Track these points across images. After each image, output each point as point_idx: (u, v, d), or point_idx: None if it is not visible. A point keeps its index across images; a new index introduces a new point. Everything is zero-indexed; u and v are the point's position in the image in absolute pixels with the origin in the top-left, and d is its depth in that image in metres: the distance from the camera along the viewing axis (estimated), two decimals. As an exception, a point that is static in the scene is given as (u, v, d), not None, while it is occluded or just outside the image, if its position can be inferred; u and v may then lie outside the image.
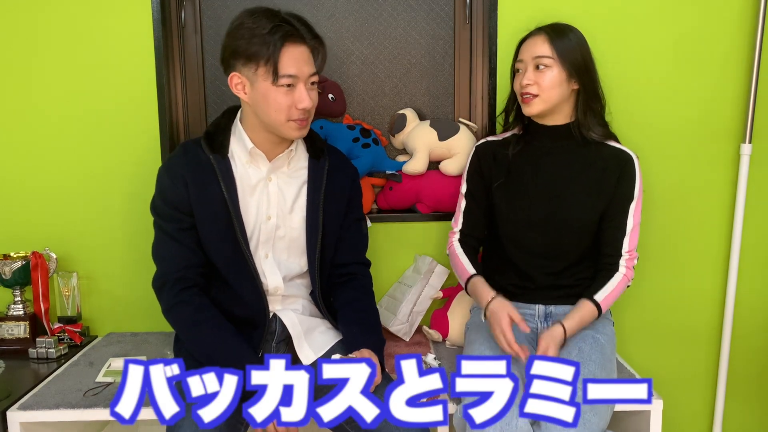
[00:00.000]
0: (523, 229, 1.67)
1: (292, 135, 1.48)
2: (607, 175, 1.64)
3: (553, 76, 1.59)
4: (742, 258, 2.03)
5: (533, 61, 1.60)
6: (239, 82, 1.46)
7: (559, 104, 1.63)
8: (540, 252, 1.67)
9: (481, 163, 1.74)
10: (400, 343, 1.92)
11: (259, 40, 1.39)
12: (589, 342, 1.57)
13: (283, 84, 1.42)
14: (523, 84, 1.61)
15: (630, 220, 1.64)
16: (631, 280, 1.65)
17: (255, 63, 1.41)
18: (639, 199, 1.65)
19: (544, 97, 1.60)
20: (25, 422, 1.52)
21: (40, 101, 1.95)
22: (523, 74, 1.62)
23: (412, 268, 2.03)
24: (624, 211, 1.64)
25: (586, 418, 1.37)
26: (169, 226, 1.50)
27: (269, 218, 1.53)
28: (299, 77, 1.43)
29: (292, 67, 1.41)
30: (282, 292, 1.57)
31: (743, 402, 2.14)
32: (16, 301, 1.93)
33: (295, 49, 1.42)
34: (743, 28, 1.94)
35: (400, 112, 2.01)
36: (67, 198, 1.99)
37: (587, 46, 1.64)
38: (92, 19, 1.91)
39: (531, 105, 1.62)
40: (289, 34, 1.41)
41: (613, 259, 1.64)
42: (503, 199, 1.69)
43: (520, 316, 1.52)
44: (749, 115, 1.94)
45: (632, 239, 1.64)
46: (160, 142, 1.96)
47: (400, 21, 2.04)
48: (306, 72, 1.44)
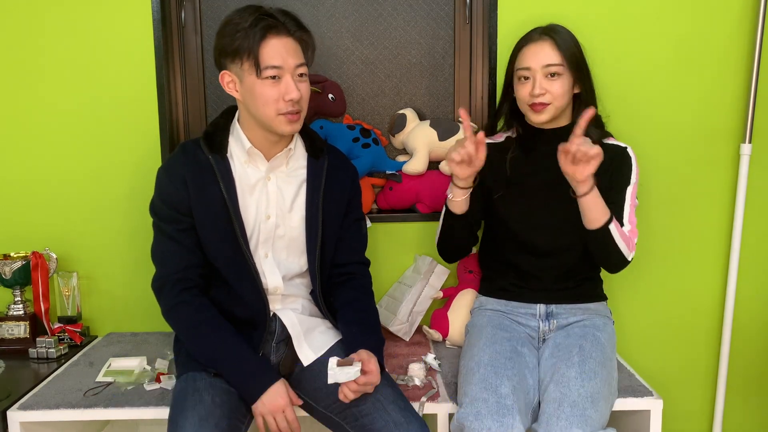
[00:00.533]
0: (525, 233, 1.67)
1: (284, 130, 1.46)
2: (605, 171, 1.61)
3: (564, 83, 1.59)
4: (742, 258, 2.03)
5: (543, 69, 1.58)
6: (230, 80, 1.46)
7: (564, 108, 1.64)
8: (543, 255, 1.67)
9: None
10: (400, 343, 1.92)
11: (242, 34, 1.40)
12: (590, 340, 1.57)
13: (267, 76, 1.41)
14: (536, 93, 1.58)
15: (627, 200, 1.62)
16: (632, 252, 1.61)
17: (240, 58, 1.41)
18: (635, 184, 1.64)
19: (557, 104, 1.60)
20: (25, 422, 1.52)
21: (40, 101, 1.95)
22: (532, 83, 1.59)
23: (412, 268, 2.03)
24: (621, 191, 1.63)
25: (587, 415, 1.38)
26: (168, 227, 1.50)
27: (268, 217, 1.53)
28: (284, 68, 1.42)
29: (274, 58, 1.40)
30: (282, 291, 1.57)
31: (743, 402, 2.14)
32: (16, 301, 1.93)
33: (278, 41, 1.41)
34: (743, 28, 1.94)
35: (400, 112, 2.01)
36: (67, 198, 2.00)
37: (580, 45, 1.63)
38: (92, 19, 1.91)
39: (543, 113, 1.60)
40: (269, 26, 1.40)
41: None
42: (504, 209, 1.68)
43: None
44: (749, 115, 1.94)
45: (631, 216, 1.63)
46: (160, 142, 1.96)
47: (400, 21, 2.04)
48: (291, 63, 1.43)
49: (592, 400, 1.41)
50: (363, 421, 1.40)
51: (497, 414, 1.36)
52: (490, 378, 1.46)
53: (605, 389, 1.46)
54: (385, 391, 1.43)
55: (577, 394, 1.41)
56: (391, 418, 1.38)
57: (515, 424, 1.36)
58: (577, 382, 1.44)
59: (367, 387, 1.38)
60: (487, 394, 1.42)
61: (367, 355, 1.40)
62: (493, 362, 1.51)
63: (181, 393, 1.41)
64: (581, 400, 1.40)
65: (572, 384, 1.44)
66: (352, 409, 1.42)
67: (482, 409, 1.38)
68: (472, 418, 1.37)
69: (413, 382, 1.65)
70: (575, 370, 1.47)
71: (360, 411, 1.41)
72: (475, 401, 1.41)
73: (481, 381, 1.46)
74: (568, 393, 1.42)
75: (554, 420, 1.38)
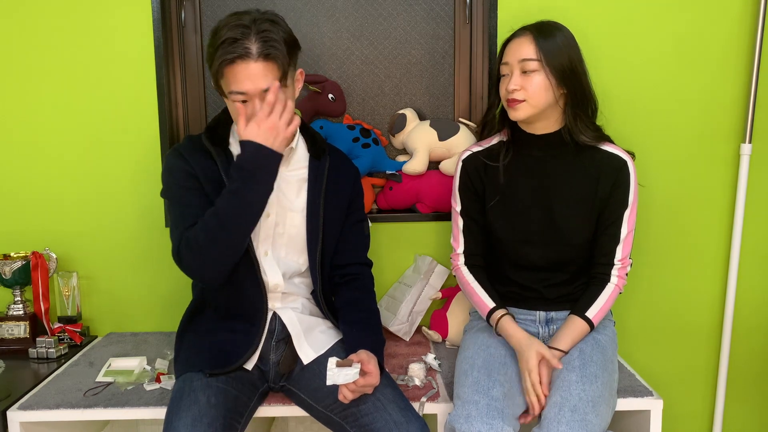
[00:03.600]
0: (521, 245, 1.63)
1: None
2: (602, 183, 1.58)
3: (540, 80, 1.51)
4: (742, 258, 2.03)
5: (519, 64, 1.52)
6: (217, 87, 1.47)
7: (546, 109, 1.56)
8: (539, 266, 1.64)
9: (471, 178, 1.66)
10: (400, 343, 1.92)
11: (209, 54, 1.39)
12: (590, 343, 1.56)
13: (234, 100, 1.40)
14: (510, 89, 1.53)
15: (624, 227, 1.59)
16: (623, 288, 1.61)
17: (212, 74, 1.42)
18: (633, 205, 1.59)
19: (532, 102, 1.53)
20: (25, 422, 1.53)
21: (40, 101, 1.95)
22: (509, 78, 1.55)
23: (412, 268, 2.03)
24: (618, 218, 1.59)
25: (588, 419, 1.37)
26: (177, 191, 1.48)
27: (268, 215, 1.53)
28: (249, 93, 1.37)
29: (237, 84, 1.37)
30: (282, 289, 1.56)
31: (743, 402, 2.14)
32: (16, 301, 1.93)
33: (242, 67, 1.35)
34: (743, 28, 1.94)
35: (400, 112, 2.01)
36: (67, 198, 2.00)
37: (576, 47, 1.55)
38: (92, 19, 1.91)
39: (518, 110, 1.55)
40: (229, 53, 1.34)
41: (606, 269, 1.59)
42: (499, 219, 1.64)
43: (551, 353, 1.50)
44: (749, 115, 1.95)
45: (626, 246, 1.59)
46: (160, 142, 1.96)
47: (400, 21, 2.04)
48: (256, 88, 1.37)
49: (593, 404, 1.40)
50: (363, 421, 1.40)
51: (487, 416, 1.36)
52: (483, 381, 1.45)
53: (606, 393, 1.45)
54: (385, 391, 1.43)
55: (578, 399, 1.40)
56: (392, 417, 1.38)
57: (505, 428, 1.35)
58: (578, 386, 1.43)
59: (366, 388, 1.38)
60: (478, 396, 1.41)
61: (367, 356, 1.40)
62: (486, 365, 1.50)
63: (177, 393, 1.42)
64: (582, 404, 1.39)
65: (573, 388, 1.43)
66: (352, 409, 1.42)
67: (473, 412, 1.38)
68: (463, 420, 1.37)
69: (413, 382, 1.64)
70: (576, 374, 1.46)
71: (360, 411, 1.41)
72: (467, 403, 1.40)
73: (474, 384, 1.45)
74: (568, 397, 1.41)
75: (555, 424, 1.37)
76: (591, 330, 1.58)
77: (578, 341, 1.56)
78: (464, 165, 1.68)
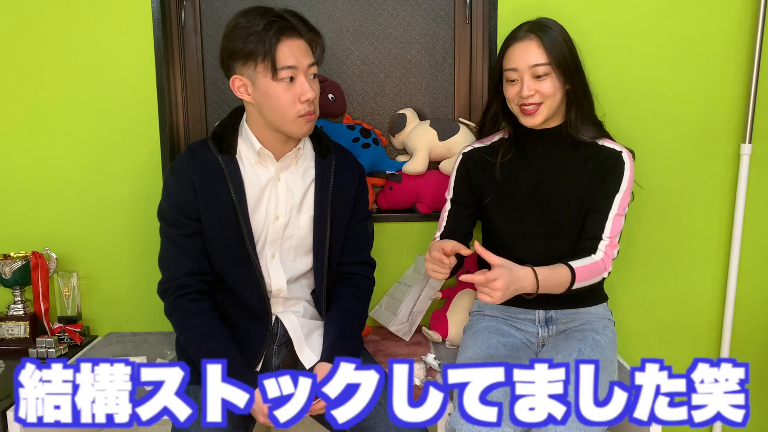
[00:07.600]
0: (518, 239, 1.63)
1: (301, 131, 1.48)
2: (599, 176, 1.59)
3: (552, 82, 1.54)
4: (742, 258, 2.03)
5: (530, 70, 1.53)
6: (241, 84, 1.46)
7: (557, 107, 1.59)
8: (537, 262, 1.61)
9: (469, 172, 1.68)
10: (400, 343, 1.92)
11: (255, 37, 1.40)
12: (589, 344, 1.56)
13: (283, 78, 1.42)
14: (525, 95, 1.53)
15: (614, 208, 1.57)
16: (608, 270, 1.56)
17: (253, 61, 1.41)
18: (627, 191, 1.58)
19: (548, 104, 1.55)
20: (25, 422, 1.52)
21: (40, 101, 1.95)
22: (520, 84, 1.55)
23: (412, 268, 2.03)
24: (609, 197, 1.57)
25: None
26: (173, 231, 1.50)
27: (277, 218, 1.54)
28: (298, 68, 1.43)
29: (290, 58, 1.42)
30: (284, 294, 1.57)
31: (743, 402, 2.14)
32: (16, 301, 1.94)
33: (292, 42, 1.43)
34: (743, 28, 1.94)
35: (400, 112, 2.01)
36: (67, 198, 2.00)
37: (572, 41, 1.58)
38: (92, 19, 1.91)
39: (536, 116, 1.55)
40: (283, 28, 1.41)
41: (592, 243, 1.56)
42: (496, 214, 1.65)
43: (455, 244, 1.47)
44: (749, 115, 1.94)
45: (615, 225, 1.56)
46: (160, 142, 1.96)
47: (399, 21, 2.04)
48: (305, 63, 1.44)
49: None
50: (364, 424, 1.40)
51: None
52: None
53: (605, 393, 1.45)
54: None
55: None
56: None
57: (505, 428, 1.35)
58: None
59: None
60: None
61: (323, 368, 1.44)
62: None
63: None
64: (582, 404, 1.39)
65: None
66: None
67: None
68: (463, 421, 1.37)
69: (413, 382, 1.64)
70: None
71: (360, 411, 1.41)
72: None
73: None
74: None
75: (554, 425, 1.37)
76: (571, 285, 1.50)
77: (554, 281, 1.48)
78: (464, 158, 1.71)
